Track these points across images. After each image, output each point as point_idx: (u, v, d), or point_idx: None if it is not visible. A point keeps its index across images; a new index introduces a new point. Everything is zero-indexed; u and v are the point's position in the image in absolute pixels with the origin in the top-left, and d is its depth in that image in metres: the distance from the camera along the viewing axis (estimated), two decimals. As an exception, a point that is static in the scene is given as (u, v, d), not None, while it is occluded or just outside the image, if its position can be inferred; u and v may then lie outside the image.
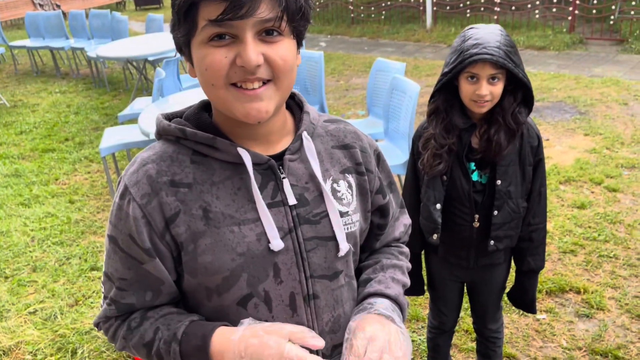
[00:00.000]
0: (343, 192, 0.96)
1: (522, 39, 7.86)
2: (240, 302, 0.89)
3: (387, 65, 3.94)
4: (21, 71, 9.21)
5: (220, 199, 0.86)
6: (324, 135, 0.99)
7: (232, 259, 0.86)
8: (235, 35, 0.77)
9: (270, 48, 0.79)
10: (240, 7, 0.74)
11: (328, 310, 0.95)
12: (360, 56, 8.11)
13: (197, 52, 0.80)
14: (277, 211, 0.89)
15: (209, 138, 0.86)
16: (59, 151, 5.39)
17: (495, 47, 1.54)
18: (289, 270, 0.90)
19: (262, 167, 0.88)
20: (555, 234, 3.30)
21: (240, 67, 0.78)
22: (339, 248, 0.93)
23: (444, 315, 2.06)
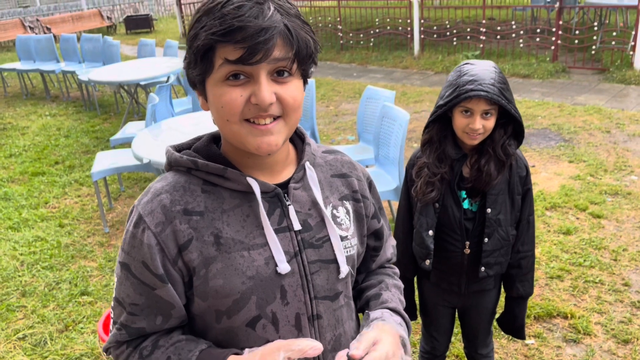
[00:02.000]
0: (342, 218, 1.03)
1: (507, 67, 8.05)
2: (249, 323, 0.93)
3: (377, 93, 4.03)
4: (10, 94, 9.21)
5: (230, 225, 0.91)
6: (323, 165, 1.05)
7: (243, 282, 0.91)
8: (249, 75, 0.84)
9: (281, 88, 0.85)
10: (256, 53, 0.80)
11: (330, 329, 1.00)
12: (349, 82, 8.24)
13: (213, 90, 0.86)
14: (284, 236, 0.94)
15: (220, 169, 0.92)
16: (49, 174, 5.38)
17: (490, 84, 1.61)
18: (295, 292, 0.95)
19: (269, 195, 0.94)
20: (542, 260, 3.36)
21: (254, 104, 0.84)
22: (339, 270, 0.99)
23: (436, 340, 2.09)
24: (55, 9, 19.75)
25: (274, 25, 0.81)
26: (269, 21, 0.81)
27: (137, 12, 19.50)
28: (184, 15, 13.75)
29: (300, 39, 0.85)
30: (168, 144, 1.01)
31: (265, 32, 0.80)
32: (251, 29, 0.79)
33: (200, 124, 3.89)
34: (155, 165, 3.45)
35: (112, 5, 19.86)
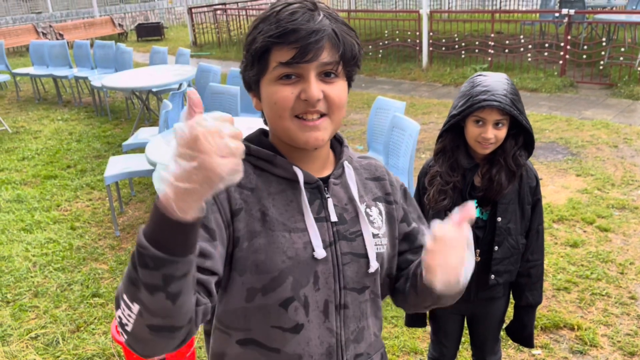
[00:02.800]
0: (374, 217, 1.08)
1: (515, 81, 8.10)
2: (282, 303, 0.98)
3: (387, 104, 4.09)
4: (23, 98, 9.33)
5: (275, 207, 0.98)
6: (359, 168, 1.12)
7: (283, 260, 0.97)
8: (300, 75, 0.92)
9: (328, 87, 0.94)
10: (307, 53, 0.89)
11: (355, 320, 1.05)
12: (358, 92, 8.30)
13: (267, 89, 0.95)
14: (321, 225, 1.00)
15: (270, 155, 1.00)
16: (61, 178, 5.45)
17: (502, 94, 1.66)
18: (327, 279, 1.01)
19: (311, 186, 1.02)
20: (549, 271, 3.39)
21: (304, 100, 0.92)
22: (369, 265, 1.04)
23: (444, 346, 2.13)
24: (68, 16, 20.01)
25: (323, 28, 0.90)
26: (319, 25, 0.90)
27: (148, 20, 19.73)
28: (194, 24, 13.90)
29: (347, 42, 0.93)
30: None
31: (315, 34, 0.89)
32: (303, 31, 0.89)
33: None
34: (169, 171, 3.51)
35: (124, 13, 20.11)
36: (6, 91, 9.94)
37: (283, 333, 1.00)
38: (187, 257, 0.76)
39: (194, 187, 0.69)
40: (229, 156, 0.68)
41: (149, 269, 0.75)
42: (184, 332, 0.85)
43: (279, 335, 1.00)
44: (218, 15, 13.65)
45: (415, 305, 1.16)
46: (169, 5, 21.69)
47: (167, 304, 0.78)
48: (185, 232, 0.74)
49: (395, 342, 2.85)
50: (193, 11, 13.91)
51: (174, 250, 0.74)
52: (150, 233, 0.75)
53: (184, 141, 0.68)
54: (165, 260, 0.74)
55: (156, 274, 0.75)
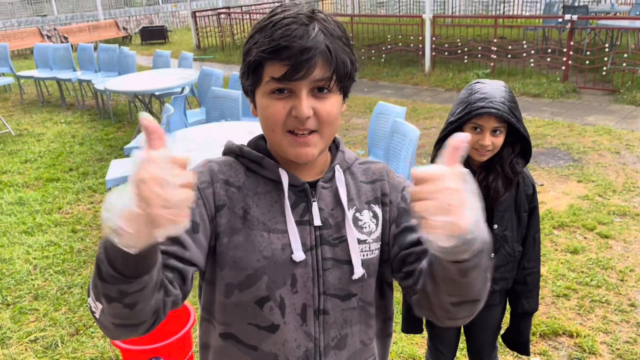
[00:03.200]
0: (365, 222, 1.06)
1: (518, 86, 8.10)
2: (258, 302, 1.00)
3: (388, 109, 4.09)
4: (27, 100, 9.37)
5: (258, 206, 1.01)
6: (356, 172, 1.11)
7: (258, 259, 0.99)
8: (292, 90, 0.93)
9: (319, 103, 0.94)
10: (299, 71, 0.90)
11: (336, 327, 1.04)
12: (360, 97, 8.32)
13: (261, 101, 0.97)
14: (303, 228, 1.01)
15: (259, 157, 1.04)
16: (63, 181, 5.47)
17: (500, 102, 1.67)
18: (305, 283, 1.01)
19: (297, 189, 1.03)
20: (549, 278, 3.39)
21: (294, 117, 0.93)
22: (353, 271, 1.03)
23: (441, 353, 2.12)
24: (73, 19, 20.11)
25: (316, 46, 0.90)
26: (312, 42, 0.90)
27: (152, 23, 19.82)
28: (198, 28, 13.95)
29: (339, 59, 0.93)
30: None
31: (307, 51, 0.89)
32: (295, 48, 0.89)
33: (213, 135, 3.97)
34: (169, 174, 3.52)
35: (128, 16, 20.20)
36: (10, 94, 9.99)
37: (259, 331, 1.01)
38: (140, 278, 0.78)
39: (132, 231, 0.68)
40: (171, 208, 0.67)
41: (105, 282, 0.77)
42: (148, 324, 0.88)
43: (255, 332, 1.02)
44: (222, 19, 13.70)
45: (441, 305, 0.93)
46: (173, 9, 21.79)
47: (125, 311, 0.81)
48: (135, 260, 0.75)
49: (393, 348, 2.84)
50: (197, 15, 13.96)
51: (126, 272, 0.76)
52: (107, 250, 0.76)
53: (132, 179, 0.67)
54: (119, 279, 0.76)
55: (112, 288, 0.78)
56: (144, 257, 0.76)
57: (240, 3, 16.71)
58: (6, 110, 8.72)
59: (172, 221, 0.67)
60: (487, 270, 0.86)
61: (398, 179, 1.13)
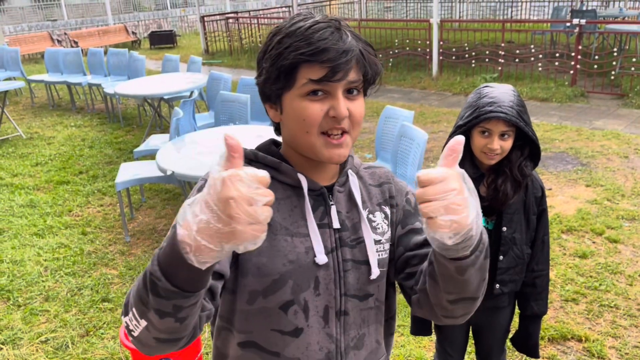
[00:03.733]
0: (379, 222, 1.09)
1: (526, 90, 8.09)
2: (282, 306, 1.01)
3: (396, 113, 4.11)
4: (38, 104, 9.47)
5: (279, 212, 1.01)
6: (364, 176, 1.14)
7: (283, 264, 0.99)
8: (327, 92, 0.95)
9: (351, 104, 0.97)
10: (338, 72, 0.92)
11: (355, 327, 1.06)
12: (367, 101, 8.19)
13: (294, 104, 0.96)
14: (324, 232, 1.03)
15: (275, 162, 1.04)
16: (73, 183, 5.53)
17: (509, 106, 1.68)
18: (327, 285, 1.02)
19: (315, 193, 1.05)
20: (558, 282, 3.38)
21: (331, 117, 0.95)
22: (371, 272, 1.05)
23: (450, 356, 2.13)
24: (83, 23, 20.30)
25: (352, 49, 0.93)
26: (348, 45, 0.93)
27: (161, 28, 19.96)
28: (206, 32, 14.04)
29: (371, 63, 0.97)
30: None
31: (346, 54, 0.92)
32: (334, 51, 0.91)
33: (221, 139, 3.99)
34: (178, 177, 3.56)
35: (137, 21, 20.36)
36: (21, 97, 10.09)
37: (282, 336, 1.02)
38: (199, 292, 0.80)
39: (214, 247, 0.70)
40: (257, 224, 0.69)
41: (160, 297, 0.79)
42: (187, 339, 0.90)
43: (278, 338, 1.02)
44: (230, 23, 13.78)
45: (440, 304, 0.99)
46: (182, 14, 21.95)
47: (175, 325, 0.83)
48: (199, 275, 0.77)
49: (401, 351, 2.85)
50: (205, 20, 14.05)
51: (186, 287, 0.78)
52: (166, 266, 0.77)
53: (216, 196, 0.68)
54: (178, 294, 0.78)
55: (167, 303, 0.79)
56: (207, 272, 0.78)
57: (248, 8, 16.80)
58: (17, 113, 8.81)
59: (255, 237, 0.70)
60: (483, 268, 0.91)
61: (401, 183, 1.18)
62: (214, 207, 0.68)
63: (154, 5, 28.74)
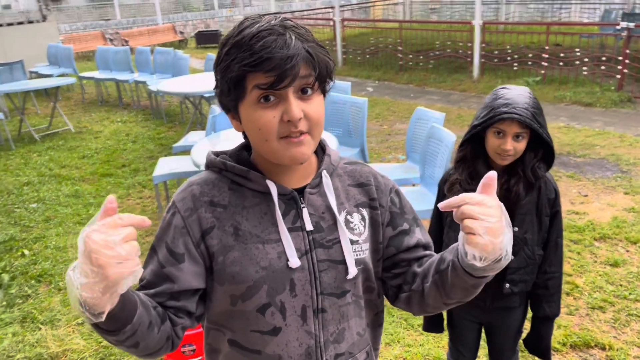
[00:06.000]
0: (356, 224, 1.11)
1: (569, 95, 7.90)
2: (259, 309, 1.04)
3: (426, 114, 4.12)
4: (88, 100, 9.90)
5: (249, 220, 1.04)
6: (342, 175, 1.15)
7: (256, 271, 1.02)
8: (279, 96, 0.95)
9: (306, 104, 0.97)
10: (285, 78, 0.92)
11: (334, 323, 1.09)
12: (405, 102, 8.32)
13: (248, 113, 0.98)
14: (296, 235, 1.05)
15: (244, 170, 1.06)
16: (116, 176, 5.78)
17: (523, 108, 1.70)
18: (303, 286, 1.05)
19: (286, 197, 1.06)
20: (585, 290, 3.32)
21: (286, 122, 0.95)
22: (347, 271, 1.07)
23: (462, 354, 2.15)
24: (134, 23, 21.00)
25: (297, 52, 0.93)
26: (293, 50, 0.92)
27: (208, 27, 20.42)
28: (250, 32, 14.27)
29: (320, 60, 0.97)
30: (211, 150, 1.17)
31: (290, 59, 0.92)
32: (278, 58, 0.91)
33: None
34: (211, 172, 3.68)
35: (185, 21, 20.90)
36: (73, 93, 10.57)
37: (262, 336, 1.06)
38: (124, 330, 0.90)
39: (102, 296, 0.79)
40: (124, 261, 0.78)
41: (100, 334, 0.91)
42: (165, 348, 1.03)
43: (258, 338, 1.06)
44: (273, 24, 13.97)
45: (434, 305, 1.11)
46: (228, 14, 22.38)
47: (132, 350, 0.96)
48: (110, 319, 0.85)
49: (420, 350, 2.88)
50: (250, 20, 14.29)
51: (109, 328, 0.88)
52: None
53: (82, 256, 0.78)
54: (106, 333, 0.89)
55: (107, 337, 0.91)
56: (119, 312, 0.87)
57: (293, 8, 17.00)
58: (68, 108, 9.24)
59: (131, 272, 0.79)
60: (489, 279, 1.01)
61: (384, 180, 1.18)
62: (84, 266, 0.78)
63: (203, 6, 29.43)
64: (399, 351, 2.89)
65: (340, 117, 4.88)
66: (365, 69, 11.16)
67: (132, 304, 0.91)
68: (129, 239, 0.80)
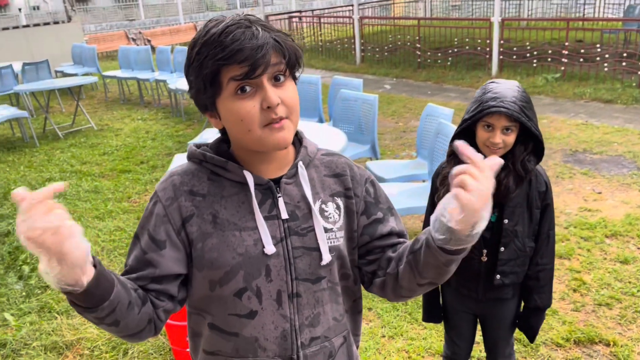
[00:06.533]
0: (330, 212, 1.15)
1: (589, 91, 7.78)
2: (236, 293, 1.09)
3: (436, 111, 4.13)
4: (110, 98, 10.12)
5: (227, 209, 1.09)
6: (319, 165, 1.19)
7: (233, 257, 1.07)
8: (255, 85, 1.00)
9: (281, 91, 1.02)
10: (257, 68, 0.97)
11: (309, 307, 1.14)
12: (422, 100, 8.30)
13: (227, 107, 1.02)
14: (272, 223, 1.10)
15: (222, 161, 1.10)
16: (134, 172, 5.92)
17: (511, 101, 1.72)
18: (279, 271, 1.10)
19: (262, 187, 1.11)
20: (593, 286, 3.30)
21: (266, 109, 1.00)
22: (322, 257, 1.12)
23: (457, 345, 2.18)
24: (157, 23, 21.36)
25: (266, 41, 0.98)
26: (262, 39, 0.98)
27: (229, 27, 20.62)
28: (270, 31, 14.40)
29: (289, 47, 1.02)
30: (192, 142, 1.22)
31: (261, 49, 0.97)
32: (249, 49, 0.96)
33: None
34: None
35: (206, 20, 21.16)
36: (96, 92, 10.82)
37: (239, 319, 1.11)
38: (101, 306, 0.94)
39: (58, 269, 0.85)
40: (56, 229, 0.82)
41: (79, 313, 0.96)
42: (148, 331, 1.08)
43: (235, 321, 1.11)
44: (293, 22, 14.07)
45: (408, 287, 1.13)
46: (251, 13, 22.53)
47: (112, 328, 1.00)
48: (85, 294, 0.91)
49: (422, 343, 2.91)
50: (270, 19, 14.42)
51: (86, 304, 0.93)
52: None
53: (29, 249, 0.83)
54: (83, 310, 0.94)
55: (87, 316, 0.96)
56: (94, 289, 0.92)
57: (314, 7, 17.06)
58: (92, 107, 9.47)
59: (70, 234, 0.84)
60: (459, 261, 1.04)
61: (359, 171, 1.22)
62: (36, 254, 0.83)
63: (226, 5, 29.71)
64: (402, 344, 2.93)
65: (351, 114, 4.93)
66: (383, 67, 11.15)
67: (108, 282, 0.96)
68: (49, 210, 0.83)
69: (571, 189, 4.75)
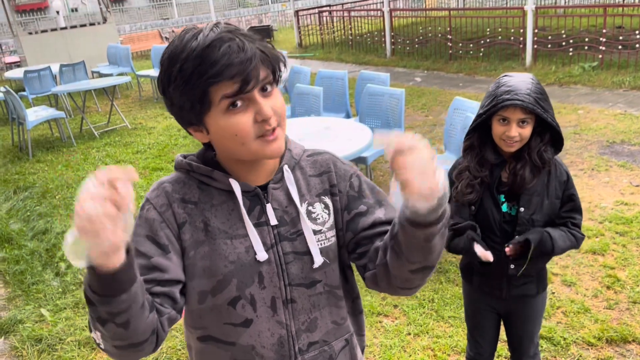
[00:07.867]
0: (318, 213, 1.14)
1: (628, 80, 7.50)
2: (230, 302, 1.09)
3: (463, 104, 4.07)
4: (144, 97, 10.33)
5: (217, 217, 1.08)
6: (305, 167, 1.17)
7: (225, 265, 1.07)
8: (246, 99, 0.98)
9: (270, 100, 1.01)
10: (249, 82, 0.96)
11: (304, 312, 1.13)
12: (453, 92, 8.16)
13: (218, 122, 0.99)
14: (262, 230, 1.09)
15: (208, 170, 1.09)
16: (166, 170, 6.03)
17: (525, 94, 1.70)
18: (271, 278, 1.09)
19: (250, 194, 1.10)
20: (628, 283, 3.19)
21: (260, 122, 0.99)
22: (313, 261, 1.11)
23: (480, 346, 2.15)
24: (190, 21, 21.67)
25: (253, 53, 0.96)
26: (249, 52, 0.95)
27: (261, 22, 20.76)
28: (300, 26, 14.42)
29: (274, 57, 1.01)
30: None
31: (250, 61, 0.95)
32: (238, 63, 0.94)
33: (301, 129, 4.18)
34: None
35: (239, 17, 21.35)
36: (131, 91, 11.06)
37: (235, 328, 1.10)
38: (119, 297, 0.87)
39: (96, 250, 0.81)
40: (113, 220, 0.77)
41: (93, 305, 0.89)
42: (150, 343, 0.99)
43: (231, 330, 1.11)
44: (323, 16, 14.04)
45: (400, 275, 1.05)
46: (282, 9, 22.63)
47: (120, 331, 0.92)
48: (108, 280, 0.85)
49: (448, 341, 2.87)
50: (300, 13, 14.43)
51: (104, 292, 0.86)
52: (87, 277, 0.87)
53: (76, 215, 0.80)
54: (100, 300, 0.87)
55: (100, 310, 0.89)
56: (117, 274, 0.85)
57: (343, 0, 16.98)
58: (126, 106, 9.69)
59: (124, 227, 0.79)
60: (444, 235, 0.97)
61: (344, 166, 1.20)
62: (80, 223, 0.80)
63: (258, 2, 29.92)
64: (428, 342, 2.90)
65: (378, 108, 4.89)
66: (414, 59, 11.01)
67: (133, 272, 0.90)
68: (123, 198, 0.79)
69: (607, 182, 4.60)
